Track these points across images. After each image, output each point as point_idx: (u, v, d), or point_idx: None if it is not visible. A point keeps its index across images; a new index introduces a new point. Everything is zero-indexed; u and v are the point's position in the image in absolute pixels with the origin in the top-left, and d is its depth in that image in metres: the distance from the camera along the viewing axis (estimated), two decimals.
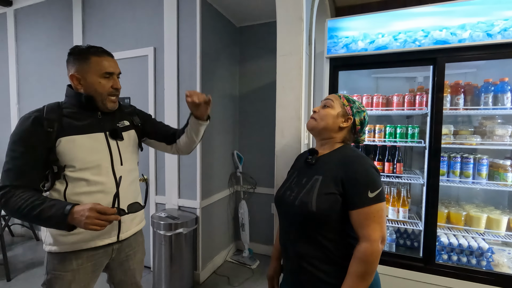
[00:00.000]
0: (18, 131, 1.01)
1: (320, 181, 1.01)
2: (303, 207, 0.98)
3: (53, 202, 0.96)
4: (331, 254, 0.98)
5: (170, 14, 2.38)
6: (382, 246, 0.93)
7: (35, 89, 3.11)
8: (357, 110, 1.10)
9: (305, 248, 1.01)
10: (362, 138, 1.15)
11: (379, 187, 0.95)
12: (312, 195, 0.98)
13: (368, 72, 2.42)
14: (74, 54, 1.09)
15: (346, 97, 1.13)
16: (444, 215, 1.93)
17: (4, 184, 0.97)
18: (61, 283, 1.08)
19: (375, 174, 0.97)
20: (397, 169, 2.02)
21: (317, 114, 1.13)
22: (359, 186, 0.94)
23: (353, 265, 0.92)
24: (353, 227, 0.96)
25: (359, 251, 0.92)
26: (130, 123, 1.27)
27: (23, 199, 0.95)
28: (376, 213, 0.93)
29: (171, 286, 2.21)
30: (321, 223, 0.97)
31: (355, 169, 0.96)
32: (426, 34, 1.70)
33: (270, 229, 2.96)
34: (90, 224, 0.91)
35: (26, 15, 3.10)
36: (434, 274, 1.74)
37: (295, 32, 1.65)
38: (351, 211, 0.95)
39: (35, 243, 3.18)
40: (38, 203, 0.95)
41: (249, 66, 3.03)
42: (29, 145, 1.00)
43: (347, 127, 1.09)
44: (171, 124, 2.42)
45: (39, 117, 1.03)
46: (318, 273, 0.98)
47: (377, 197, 0.93)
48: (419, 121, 2.23)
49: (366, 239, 0.92)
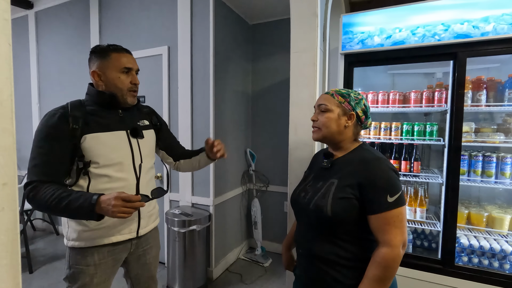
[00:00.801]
0: (44, 127, 1.04)
1: (335, 185, 0.98)
2: (318, 211, 0.97)
3: (80, 194, 0.98)
4: (347, 255, 0.96)
5: (183, 13, 2.40)
6: (403, 251, 0.90)
7: (55, 88, 3.22)
8: (355, 102, 1.03)
9: (320, 248, 1.00)
10: (369, 123, 1.09)
11: (399, 191, 0.91)
12: (327, 199, 0.96)
13: (384, 69, 2.36)
14: (95, 52, 1.14)
15: (339, 92, 1.06)
16: (464, 215, 1.86)
17: (31, 180, 1.00)
18: (84, 277, 1.11)
19: (395, 177, 0.93)
20: (414, 168, 1.96)
21: (317, 122, 1.07)
22: (378, 190, 0.91)
23: (372, 269, 0.90)
24: (372, 231, 0.93)
25: (379, 256, 0.89)
26: (149, 123, 1.32)
27: (50, 193, 0.96)
28: (396, 217, 0.89)
29: (185, 282, 2.24)
30: (336, 227, 0.96)
31: (373, 173, 0.93)
32: (446, 28, 1.64)
33: (283, 228, 2.95)
34: (117, 212, 0.92)
35: (46, 17, 3.20)
36: (454, 276, 1.68)
37: (309, 28, 1.63)
38: (369, 216, 0.93)
39: (55, 238, 3.30)
40: (65, 195, 0.96)
41: (262, 64, 3.02)
42: (56, 141, 1.02)
43: (352, 123, 1.04)
44: (185, 123, 2.45)
45: (64, 114, 1.06)
46: (333, 273, 0.97)
47: (396, 202, 0.90)
48: (438, 118, 2.16)
49: (387, 244, 0.89)
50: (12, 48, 1.38)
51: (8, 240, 0.37)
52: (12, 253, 0.38)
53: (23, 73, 3.43)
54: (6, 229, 0.37)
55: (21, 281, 0.39)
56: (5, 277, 0.37)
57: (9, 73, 0.37)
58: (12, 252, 0.38)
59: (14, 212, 0.38)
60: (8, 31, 0.36)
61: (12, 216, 0.38)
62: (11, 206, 0.37)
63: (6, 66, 0.36)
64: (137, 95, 1.22)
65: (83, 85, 2.90)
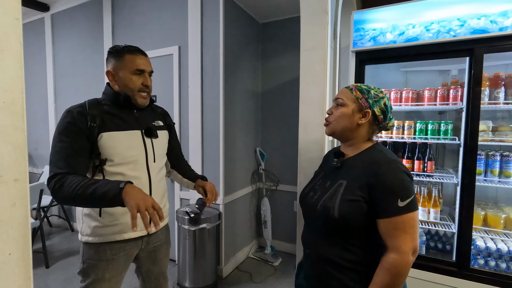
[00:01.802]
0: (64, 124, 1.06)
1: (344, 186, 0.94)
2: (325, 212, 0.94)
3: (107, 180, 0.97)
4: (354, 259, 0.93)
5: (194, 12, 2.42)
6: (413, 258, 0.86)
7: (69, 88, 3.30)
8: (374, 99, 0.97)
9: (327, 250, 0.97)
10: (391, 125, 1.02)
11: (411, 195, 0.87)
12: (335, 200, 0.93)
13: (397, 66, 2.31)
14: (112, 52, 1.17)
15: (359, 87, 1.00)
16: (481, 217, 1.80)
17: (55, 172, 1.01)
18: (96, 272, 1.14)
19: (407, 181, 0.88)
20: (428, 167, 1.91)
21: (331, 116, 1.04)
22: (388, 193, 0.87)
23: (380, 275, 0.86)
24: (381, 236, 0.89)
25: (387, 262, 0.86)
26: (163, 123, 1.34)
27: (77, 181, 0.95)
28: (406, 223, 0.85)
29: (195, 279, 2.26)
30: (344, 229, 0.92)
31: (384, 175, 0.88)
32: (462, 23, 1.58)
33: (293, 227, 2.93)
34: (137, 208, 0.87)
35: (62, 19, 3.29)
36: (469, 279, 1.64)
37: (319, 25, 1.61)
38: (378, 220, 0.89)
39: (70, 234, 3.40)
40: (91, 182, 0.95)
41: (272, 63, 3.00)
42: (76, 136, 1.05)
43: (367, 121, 0.99)
44: (195, 122, 2.47)
45: (82, 112, 1.08)
46: (339, 276, 0.94)
47: (408, 206, 0.85)
48: (453, 117, 2.10)
49: (396, 250, 0.85)
50: (28, 48, 1.42)
51: (19, 235, 0.38)
52: (24, 248, 0.39)
53: (40, 74, 3.54)
54: (17, 224, 0.38)
55: (32, 275, 0.40)
56: (17, 270, 0.38)
57: (20, 72, 0.38)
58: (23, 246, 0.39)
59: (25, 207, 0.39)
60: (19, 30, 0.37)
61: (23, 211, 0.39)
62: (22, 202, 0.38)
63: (17, 65, 0.37)
64: (148, 96, 1.23)
65: (97, 85, 2.98)
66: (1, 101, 0.36)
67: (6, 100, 0.36)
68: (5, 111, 0.36)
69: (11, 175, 0.37)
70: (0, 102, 0.36)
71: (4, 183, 0.36)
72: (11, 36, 0.36)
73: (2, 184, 0.36)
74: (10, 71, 0.36)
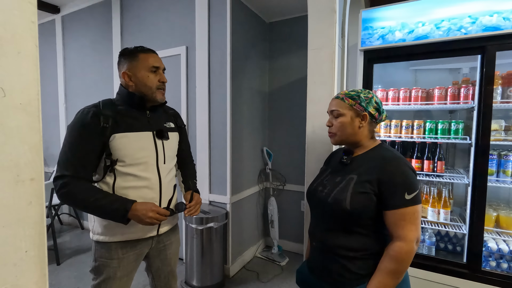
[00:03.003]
0: (77, 124, 1.08)
1: (355, 180, 1.02)
2: (337, 204, 1.01)
3: (115, 197, 1.07)
4: (361, 247, 1.00)
5: (201, 12, 2.43)
6: (417, 247, 0.95)
7: (79, 89, 3.36)
8: (366, 102, 1.06)
9: (335, 240, 1.04)
10: (384, 116, 1.11)
11: (416, 189, 0.96)
12: (347, 193, 1.00)
13: (406, 65, 2.28)
14: (124, 54, 1.19)
15: (348, 95, 1.08)
16: (493, 218, 1.77)
17: (62, 174, 1.04)
18: (108, 270, 1.16)
19: (413, 176, 0.98)
20: (438, 167, 1.88)
21: (332, 128, 1.12)
22: (397, 187, 0.95)
23: (385, 262, 0.95)
24: (387, 226, 0.98)
25: (393, 250, 0.94)
26: (174, 125, 1.35)
27: (86, 192, 1.04)
28: (412, 214, 0.94)
29: (202, 278, 2.28)
30: (354, 220, 1.00)
31: (393, 170, 0.97)
32: (473, 21, 1.55)
33: (300, 227, 2.93)
34: (150, 223, 1.07)
35: (72, 21, 3.35)
36: (480, 282, 1.61)
37: (327, 24, 1.60)
38: (386, 212, 0.97)
39: (80, 232, 3.46)
40: (100, 196, 1.05)
41: (279, 62, 3.00)
42: (87, 137, 1.07)
43: (366, 122, 1.07)
44: (203, 121, 2.49)
45: (96, 112, 1.09)
46: (346, 263, 1.01)
47: (413, 199, 0.94)
48: (464, 116, 2.06)
49: (402, 238, 0.93)
50: (39, 50, 1.45)
51: (35, 233, 0.39)
52: (40, 245, 0.40)
53: (51, 75, 3.61)
54: (34, 222, 0.39)
55: (47, 272, 0.41)
56: (33, 268, 0.39)
57: (36, 74, 0.38)
58: (39, 244, 0.40)
59: (41, 206, 0.40)
60: (35, 33, 0.38)
61: (39, 209, 0.40)
62: (38, 201, 0.39)
63: (33, 67, 0.38)
64: (165, 93, 1.25)
65: (106, 85, 3.03)
66: (18, 102, 0.37)
67: (23, 101, 0.37)
68: (22, 112, 0.37)
69: (27, 174, 0.38)
70: (17, 103, 0.37)
71: (21, 182, 0.37)
72: (28, 39, 0.37)
73: (19, 183, 0.37)
74: (26, 73, 0.37)
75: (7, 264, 0.36)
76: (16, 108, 0.37)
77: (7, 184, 0.36)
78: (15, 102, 0.36)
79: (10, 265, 0.36)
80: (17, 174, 0.37)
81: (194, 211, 1.27)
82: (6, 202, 0.36)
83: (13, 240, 0.37)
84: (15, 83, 0.36)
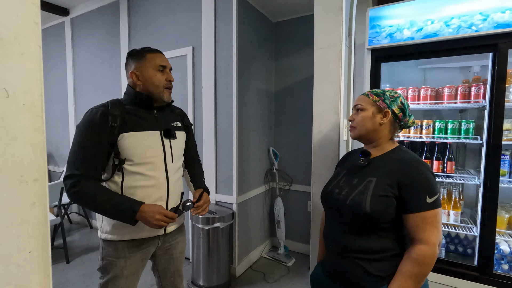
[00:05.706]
0: (86, 123, 1.09)
1: (374, 183, 1.01)
2: (356, 207, 0.99)
3: (123, 199, 1.08)
4: (380, 249, 0.99)
5: (207, 13, 2.44)
6: (438, 250, 0.94)
7: (88, 90, 3.40)
8: (390, 100, 1.06)
9: (353, 242, 1.02)
10: (411, 121, 1.10)
11: (437, 192, 0.95)
12: (366, 196, 0.99)
13: (414, 63, 2.24)
14: (132, 55, 1.21)
15: (374, 92, 1.10)
16: (505, 220, 1.72)
17: (72, 173, 1.05)
18: (115, 269, 1.17)
19: (433, 180, 0.97)
20: (447, 168, 1.85)
21: (354, 122, 1.12)
22: (418, 191, 0.94)
23: (407, 265, 0.93)
24: (408, 230, 0.97)
25: (415, 253, 0.92)
26: (181, 124, 1.36)
27: (95, 192, 1.06)
28: (434, 218, 0.93)
29: (209, 277, 2.28)
30: (373, 222, 0.98)
31: (414, 174, 0.96)
32: (484, 18, 1.52)
33: (307, 228, 2.91)
34: (157, 225, 1.08)
35: (81, 23, 3.40)
36: (492, 285, 1.57)
37: (334, 23, 1.58)
38: (407, 215, 0.96)
39: (89, 231, 3.50)
40: (108, 197, 1.06)
41: (285, 62, 2.98)
42: (96, 137, 1.08)
43: (388, 120, 1.06)
44: (209, 122, 2.49)
45: (105, 112, 1.11)
46: (364, 265, 0.99)
47: (435, 203, 0.94)
48: (475, 115, 2.01)
49: (424, 242, 0.92)
50: (49, 52, 1.48)
51: (39, 233, 0.39)
52: (43, 246, 0.40)
53: (60, 76, 3.67)
54: (37, 223, 0.39)
55: (51, 272, 0.41)
56: (36, 268, 0.39)
57: (39, 75, 0.39)
58: (43, 244, 0.40)
59: (44, 206, 0.40)
60: (38, 34, 0.38)
61: (43, 210, 0.40)
62: (42, 201, 0.39)
63: (36, 67, 0.38)
64: (171, 92, 1.26)
65: (114, 86, 3.06)
66: (21, 103, 0.37)
67: (26, 102, 0.37)
68: (25, 113, 0.37)
69: (31, 175, 0.38)
70: (20, 104, 0.37)
71: (24, 183, 0.37)
72: (31, 40, 0.37)
73: (23, 184, 0.37)
74: (29, 74, 0.38)
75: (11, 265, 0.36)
76: (20, 109, 0.37)
77: (10, 184, 0.36)
78: (18, 103, 0.37)
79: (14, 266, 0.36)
80: (21, 174, 0.37)
81: (201, 210, 1.27)
82: (10, 203, 0.36)
83: (17, 241, 0.37)
84: (18, 84, 0.36)
